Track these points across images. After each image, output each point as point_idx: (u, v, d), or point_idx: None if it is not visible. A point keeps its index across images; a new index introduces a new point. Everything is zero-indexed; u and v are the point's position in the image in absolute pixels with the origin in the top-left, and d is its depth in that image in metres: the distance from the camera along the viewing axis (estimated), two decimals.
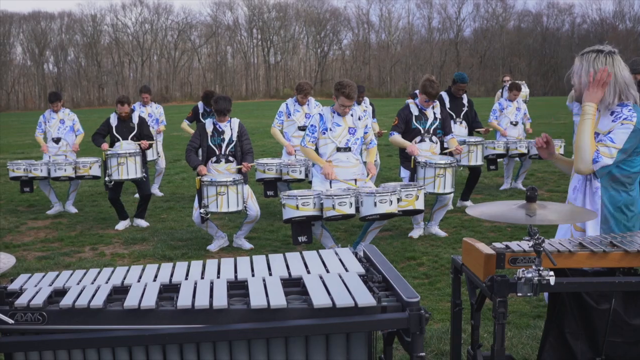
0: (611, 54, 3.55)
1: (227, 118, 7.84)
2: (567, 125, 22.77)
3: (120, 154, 8.77)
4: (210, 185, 7.38)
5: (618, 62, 3.54)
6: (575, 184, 3.74)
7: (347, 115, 7.05)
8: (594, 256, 3.09)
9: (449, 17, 76.70)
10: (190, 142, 7.90)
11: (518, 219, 2.79)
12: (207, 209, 7.43)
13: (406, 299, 2.62)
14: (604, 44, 3.64)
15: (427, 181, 7.64)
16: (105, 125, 9.24)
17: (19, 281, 2.99)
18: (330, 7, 77.63)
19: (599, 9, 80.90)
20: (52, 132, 10.32)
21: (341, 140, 7.03)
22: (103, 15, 73.09)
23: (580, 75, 3.61)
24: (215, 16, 76.30)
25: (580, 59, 3.63)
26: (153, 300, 2.67)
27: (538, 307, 5.46)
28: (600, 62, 3.51)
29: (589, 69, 3.54)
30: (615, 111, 3.52)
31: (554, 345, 3.47)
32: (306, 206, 6.51)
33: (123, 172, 8.80)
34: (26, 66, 72.11)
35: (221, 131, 7.83)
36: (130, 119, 9.32)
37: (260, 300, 2.65)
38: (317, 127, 7.03)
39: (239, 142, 7.89)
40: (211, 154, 7.82)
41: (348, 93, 6.87)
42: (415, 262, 6.99)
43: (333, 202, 6.44)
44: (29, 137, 26.60)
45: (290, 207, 6.54)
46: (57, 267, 7.17)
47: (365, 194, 6.54)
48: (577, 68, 3.63)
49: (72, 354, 2.72)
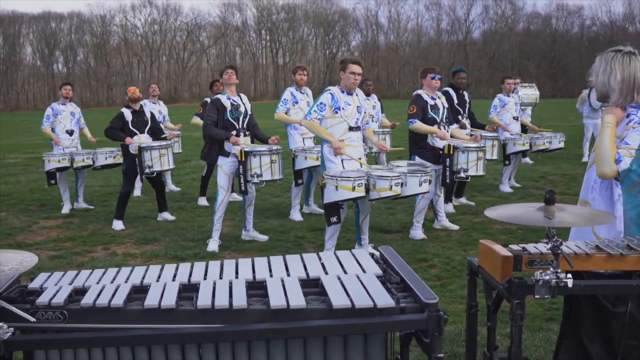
0: (629, 54, 3.55)
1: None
2: (576, 127, 22.72)
3: (161, 145, 9.01)
4: (264, 155, 7.56)
5: (634, 62, 3.53)
6: (592, 184, 3.70)
7: (354, 92, 7.12)
8: (610, 259, 3.08)
9: (457, 19, 76.67)
10: (208, 117, 7.78)
11: (537, 221, 2.79)
12: (261, 177, 7.56)
13: (425, 300, 2.63)
14: (626, 44, 3.65)
15: (470, 165, 7.98)
16: (119, 119, 9.20)
17: (39, 280, 3.01)
18: (339, 8, 77.71)
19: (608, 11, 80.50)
20: (65, 124, 10.29)
21: (352, 119, 7.06)
22: (112, 15, 73.46)
23: (598, 74, 3.62)
24: (224, 17, 76.53)
25: (600, 57, 3.64)
26: (173, 300, 2.69)
27: (551, 309, 5.46)
28: (618, 61, 3.52)
29: (606, 68, 3.55)
30: (631, 113, 3.52)
31: (570, 348, 3.48)
32: (360, 187, 6.56)
33: (165, 163, 9.06)
34: (36, 66, 72.52)
35: (237, 105, 7.86)
36: (144, 113, 9.41)
37: (280, 301, 2.66)
38: (326, 106, 7.02)
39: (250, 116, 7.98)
40: (229, 128, 7.75)
41: (355, 59, 7.03)
42: (427, 263, 6.99)
43: (391, 183, 6.56)
44: (38, 136, 26.70)
45: (345, 188, 6.53)
46: (70, 266, 7.21)
47: (410, 174, 6.81)
48: (596, 66, 3.65)
49: (92, 352, 2.74)
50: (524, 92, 13.94)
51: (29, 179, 14.30)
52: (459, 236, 8.17)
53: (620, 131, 3.53)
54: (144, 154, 8.86)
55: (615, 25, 71.97)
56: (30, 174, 15.27)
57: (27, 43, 71.58)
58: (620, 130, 3.53)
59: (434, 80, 8.10)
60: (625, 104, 3.53)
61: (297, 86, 9.45)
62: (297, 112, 9.27)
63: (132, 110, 9.25)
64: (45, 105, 15.77)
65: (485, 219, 9.08)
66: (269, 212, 9.96)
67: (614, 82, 3.53)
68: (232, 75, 7.83)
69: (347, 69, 6.98)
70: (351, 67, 6.96)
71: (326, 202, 6.71)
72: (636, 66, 3.53)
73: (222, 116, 7.75)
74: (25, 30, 70.73)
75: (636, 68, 3.53)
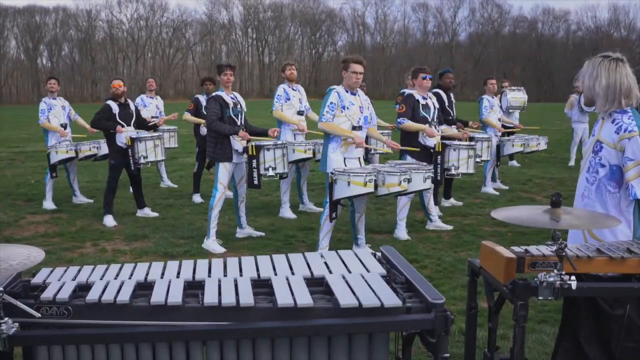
0: (616, 61, 3.53)
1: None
2: (563, 131, 22.89)
3: (154, 136, 9.08)
4: (277, 148, 7.73)
5: (621, 68, 3.52)
6: (582, 192, 3.70)
7: (356, 92, 7.16)
8: (612, 262, 3.11)
9: (444, 21, 77.07)
10: (213, 113, 7.68)
11: (543, 223, 2.81)
12: (276, 170, 7.72)
13: (431, 300, 2.64)
14: (615, 50, 3.65)
15: (461, 162, 8.01)
16: (106, 111, 9.10)
17: (41, 275, 2.99)
18: (326, 8, 77.96)
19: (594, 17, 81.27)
20: (60, 118, 10.24)
21: (355, 118, 7.09)
22: (98, 10, 73.22)
23: (584, 78, 3.62)
24: (210, 14, 76.48)
25: (588, 62, 3.63)
26: (179, 297, 2.68)
27: (543, 311, 5.49)
28: (604, 67, 3.52)
29: (593, 73, 3.55)
30: (616, 119, 3.51)
31: (568, 350, 3.50)
32: (371, 183, 6.64)
33: (159, 154, 9.22)
34: (20, 60, 71.93)
35: (236, 102, 7.89)
36: (129, 106, 9.37)
37: (287, 299, 2.66)
38: (336, 105, 7.03)
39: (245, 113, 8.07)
40: (232, 125, 7.73)
41: (357, 59, 7.04)
42: (418, 264, 7.00)
43: (400, 179, 6.69)
44: (23, 130, 26.54)
45: (357, 184, 6.58)
46: (60, 262, 7.15)
47: (415, 171, 6.93)
48: (584, 71, 3.64)
49: (95, 348, 2.72)
50: (512, 96, 14.05)
51: (15, 174, 14.20)
52: (449, 237, 8.20)
53: (606, 135, 3.52)
54: (137, 145, 8.87)
55: (601, 31, 72.58)
56: (15, 168, 15.16)
57: (12, 36, 71.12)
58: (607, 134, 3.52)
59: (425, 80, 8.13)
60: (612, 111, 3.52)
61: (288, 82, 9.46)
62: (290, 108, 9.32)
63: (118, 102, 9.18)
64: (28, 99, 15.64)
65: (474, 221, 9.13)
66: (258, 210, 9.94)
67: (598, 88, 3.51)
68: (231, 76, 7.83)
69: (349, 68, 6.99)
70: (353, 67, 6.97)
71: (336, 197, 6.76)
72: (622, 72, 3.51)
73: (224, 113, 7.73)
74: (10, 24, 70.20)
75: (622, 74, 3.51)
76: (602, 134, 3.54)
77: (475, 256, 3.54)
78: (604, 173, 3.48)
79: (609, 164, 3.47)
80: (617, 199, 3.47)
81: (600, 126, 3.59)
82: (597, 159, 3.52)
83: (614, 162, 3.45)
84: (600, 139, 3.54)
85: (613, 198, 3.47)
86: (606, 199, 3.49)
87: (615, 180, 3.46)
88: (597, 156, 3.52)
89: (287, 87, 9.42)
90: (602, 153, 3.50)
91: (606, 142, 3.49)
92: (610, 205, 3.48)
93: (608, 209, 3.48)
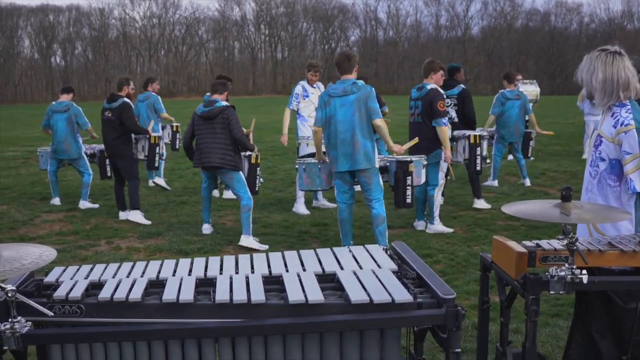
0: (613, 54, 3.50)
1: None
2: (575, 124, 22.76)
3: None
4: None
5: (618, 62, 3.49)
6: (587, 186, 3.69)
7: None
8: (623, 255, 3.10)
9: (456, 15, 76.71)
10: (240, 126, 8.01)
11: (554, 217, 2.80)
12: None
13: (442, 295, 2.64)
14: (614, 44, 3.62)
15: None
16: (132, 111, 9.35)
17: (54, 274, 3.01)
18: (339, 3, 77.69)
19: (607, 9, 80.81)
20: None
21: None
22: (111, 9, 73.55)
23: (583, 72, 3.60)
24: (223, 11, 76.46)
25: (586, 57, 3.61)
26: (191, 294, 2.70)
27: (556, 305, 5.48)
28: (601, 61, 3.50)
29: (590, 67, 3.53)
30: (615, 112, 3.49)
31: (581, 343, 3.49)
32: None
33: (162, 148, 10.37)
34: (33, 59, 72.25)
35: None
36: None
37: (298, 296, 2.67)
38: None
39: None
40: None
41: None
42: (432, 259, 7.00)
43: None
44: (36, 129, 26.65)
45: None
46: (74, 260, 7.21)
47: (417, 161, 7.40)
48: (582, 65, 3.62)
49: (108, 346, 2.74)
50: (525, 89, 14.02)
51: (29, 172, 14.29)
52: (462, 232, 8.19)
53: (605, 129, 3.51)
54: (160, 142, 9.77)
55: (614, 23, 72.05)
56: (30, 167, 15.25)
57: (25, 36, 71.43)
58: (606, 128, 3.51)
59: (442, 76, 8.13)
60: (611, 104, 3.50)
61: (309, 83, 9.52)
62: (308, 105, 9.37)
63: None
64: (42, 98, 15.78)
65: (487, 215, 9.10)
66: (272, 207, 9.96)
67: (595, 82, 3.49)
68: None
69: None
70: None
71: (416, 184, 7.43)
72: (619, 66, 3.47)
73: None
74: (23, 23, 70.55)
75: (619, 67, 3.47)
76: (602, 128, 3.54)
77: (489, 250, 3.54)
78: (604, 167, 3.48)
79: (608, 158, 3.46)
80: (617, 192, 3.46)
81: (602, 120, 3.58)
82: (597, 153, 3.52)
83: (613, 156, 3.45)
84: (600, 132, 3.54)
85: (614, 192, 3.47)
86: (607, 193, 3.49)
87: (615, 174, 3.45)
88: (597, 150, 3.52)
89: (305, 84, 9.48)
90: (602, 147, 3.50)
91: (605, 136, 3.49)
92: (611, 199, 3.47)
93: (610, 203, 3.47)
